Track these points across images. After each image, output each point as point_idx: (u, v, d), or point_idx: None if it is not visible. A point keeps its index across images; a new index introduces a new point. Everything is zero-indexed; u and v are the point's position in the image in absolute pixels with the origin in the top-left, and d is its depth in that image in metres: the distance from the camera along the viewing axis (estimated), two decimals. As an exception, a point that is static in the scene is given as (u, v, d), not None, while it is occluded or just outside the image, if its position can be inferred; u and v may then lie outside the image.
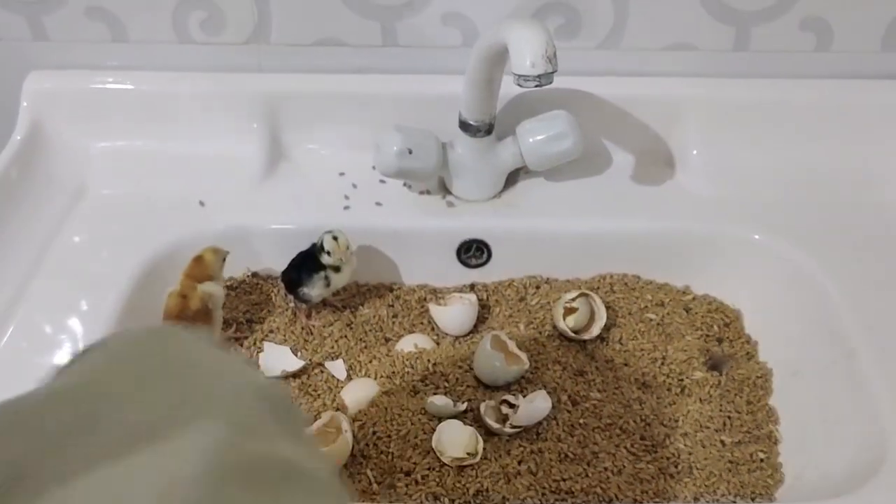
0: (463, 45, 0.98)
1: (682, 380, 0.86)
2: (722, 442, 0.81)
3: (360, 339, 0.90)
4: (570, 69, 0.95)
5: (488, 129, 0.93)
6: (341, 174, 1.00)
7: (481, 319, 0.93)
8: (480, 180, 0.96)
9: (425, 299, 0.95)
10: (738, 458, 0.80)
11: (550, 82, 0.75)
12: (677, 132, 1.01)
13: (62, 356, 0.81)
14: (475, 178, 0.96)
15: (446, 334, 0.92)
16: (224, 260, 0.87)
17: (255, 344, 0.89)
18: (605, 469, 0.78)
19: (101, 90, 1.00)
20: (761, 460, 0.80)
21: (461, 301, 0.92)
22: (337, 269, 0.88)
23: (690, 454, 0.79)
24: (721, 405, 0.84)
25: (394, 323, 0.92)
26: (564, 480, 0.77)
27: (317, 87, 0.99)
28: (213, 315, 0.86)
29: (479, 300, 0.93)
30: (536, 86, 0.74)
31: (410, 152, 0.91)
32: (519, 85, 0.75)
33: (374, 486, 0.77)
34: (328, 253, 0.87)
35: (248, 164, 1.00)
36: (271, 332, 0.90)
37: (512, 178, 0.99)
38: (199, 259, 0.85)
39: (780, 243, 0.91)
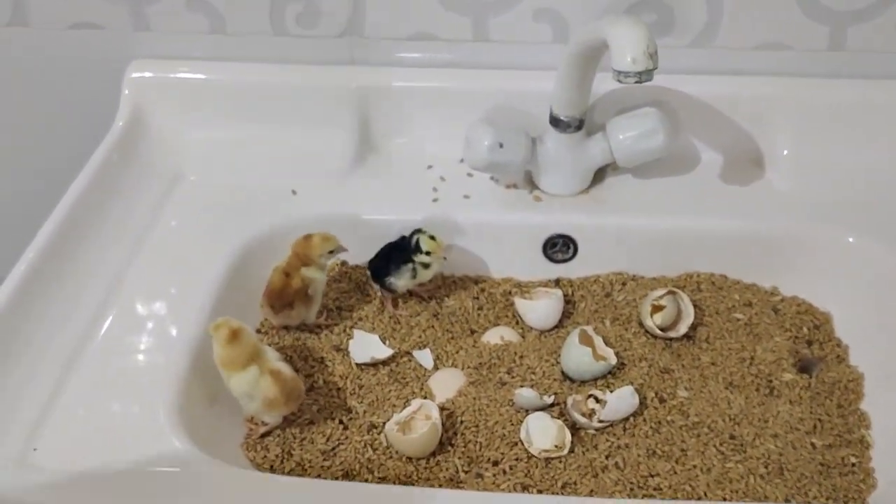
0: (553, 41, 0.98)
1: (770, 381, 0.86)
2: (812, 444, 0.80)
3: (447, 330, 0.91)
4: (661, 67, 0.95)
5: (578, 125, 0.93)
6: (429, 167, 1.01)
7: (566, 314, 0.93)
8: (568, 176, 0.97)
9: (510, 293, 0.95)
10: (830, 461, 0.79)
11: (650, 79, 0.75)
12: (768, 131, 1.00)
13: (159, 341, 0.84)
14: (563, 174, 0.97)
15: (531, 328, 0.92)
16: (333, 252, 0.88)
17: (344, 331, 0.90)
18: (694, 467, 0.78)
19: (198, 80, 1.03)
20: (853, 464, 0.79)
21: (547, 295, 0.93)
22: (427, 264, 0.90)
23: (781, 455, 0.79)
24: (811, 408, 0.83)
25: (479, 315, 0.93)
26: (652, 477, 0.77)
27: (408, 81, 1.01)
28: (312, 300, 0.88)
29: (564, 295, 0.93)
30: (636, 82, 0.75)
31: (501, 146, 0.92)
32: (619, 81, 0.75)
33: (462, 474, 0.78)
34: (427, 253, 0.88)
35: (339, 156, 1.02)
36: (360, 320, 0.92)
37: (600, 175, 0.99)
38: (307, 239, 0.87)
39: (872, 246, 0.90)
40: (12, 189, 1.20)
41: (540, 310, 0.91)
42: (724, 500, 0.75)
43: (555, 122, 0.93)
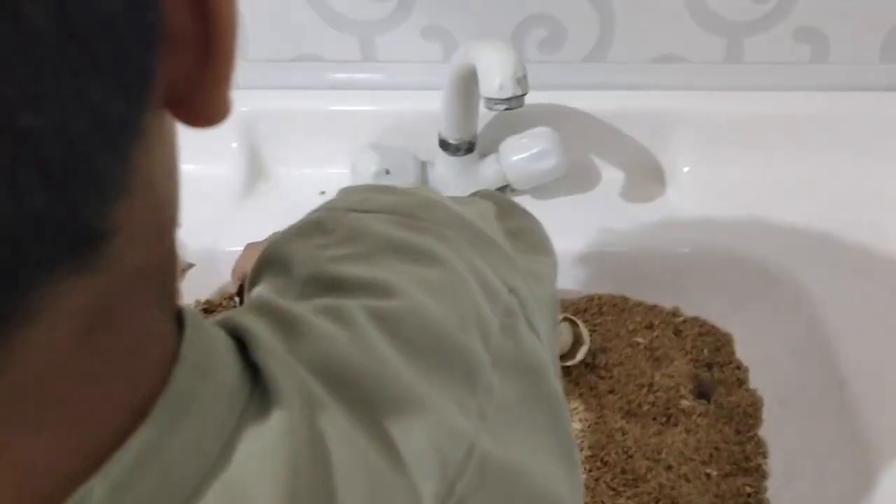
0: (443, 61, 0.95)
1: (668, 408, 0.83)
2: (707, 475, 0.77)
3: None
4: (555, 83, 0.93)
5: (469, 148, 0.90)
6: (322, 193, 0.98)
7: (463, 343, 0.90)
8: (462, 200, 0.93)
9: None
10: (725, 491, 0.76)
11: (521, 105, 0.72)
12: (668, 147, 0.97)
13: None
14: (457, 198, 0.93)
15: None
16: (183, 272, 0.84)
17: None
18: (584, 505, 0.75)
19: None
20: (748, 495, 0.76)
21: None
22: None
23: (673, 489, 0.76)
24: (708, 434, 0.81)
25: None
26: (541, 517, 0.74)
27: (295, 104, 0.97)
28: None
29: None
30: (506, 109, 0.71)
31: (388, 172, 0.88)
32: (488, 108, 0.72)
33: None
34: None
35: (227, 184, 0.98)
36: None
37: (496, 197, 0.96)
38: None
39: (774, 265, 0.88)
40: None
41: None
42: (614, 539, 0.73)
43: (444, 145, 0.90)
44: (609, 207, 0.96)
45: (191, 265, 0.85)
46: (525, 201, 0.96)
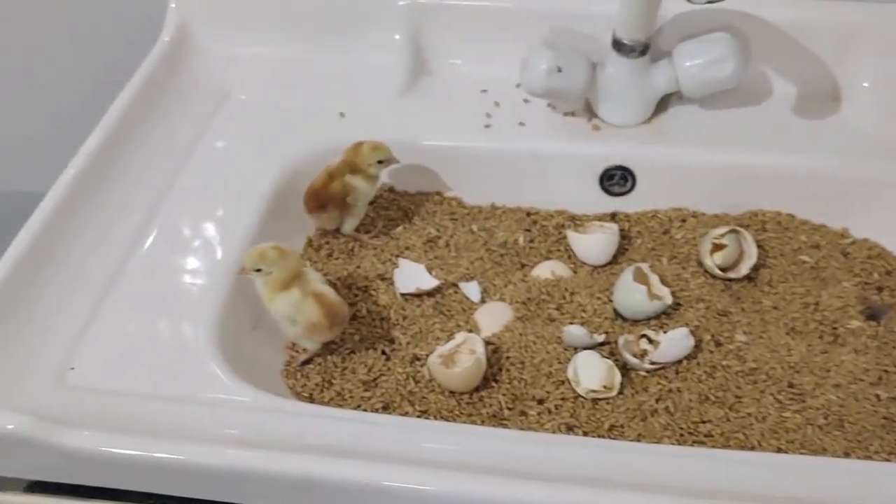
0: (621, -41, 0.92)
1: (835, 328, 0.81)
2: (877, 396, 0.76)
3: (496, 263, 0.88)
4: (735, -12, 0.89)
5: (643, 50, 0.88)
6: (483, 91, 0.97)
7: (621, 251, 0.89)
8: (630, 104, 0.92)
9: (563, 226, 0.91)
10: (894, 414, 0.75)
11: (724, -1, 0.69)
12: (847, 62, 0.93)
13: (201, 262, 0.82)
14: (624, 102, 0.91)
15: (584, 263, 0.88)
16: (382, 163, 0.86)
17: (389, 260, 0.87)
18: (748, 415, 0.74)
19: (246, -5, 1.00)
20: (920, 419, 0.74)
21: (602, 230, 0.89)
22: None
23: (842, 406, 0.75)
24: (878, 358, 0.78)
25: (530, 248, 0.90)
26: (703, 423, 0.74)
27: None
28: (352, 209, 0.86)
29: (620, 230, 0.89)
30: (707, 2, 0.69)
31: (559, 70, 0.87)
32: (689, 1, 0.69)
33: (505, 411, 0.76)
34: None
35: (390, 77, 0.98)
36: (407, 249, 0.89)
37: (662, 104, 0.94)
38: (357, 145, 0.86)
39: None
40: (55, 103, 1.18)
41: (594, 245, 0.87)
42: (779, 450, 0.72)
43: (618, 45, 0.88)
44: (780, 122, 0.93)
45: (390, 157, 0.86)
46: (692, 111, 0.94)
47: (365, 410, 0.75)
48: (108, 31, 1.08)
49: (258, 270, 0.75)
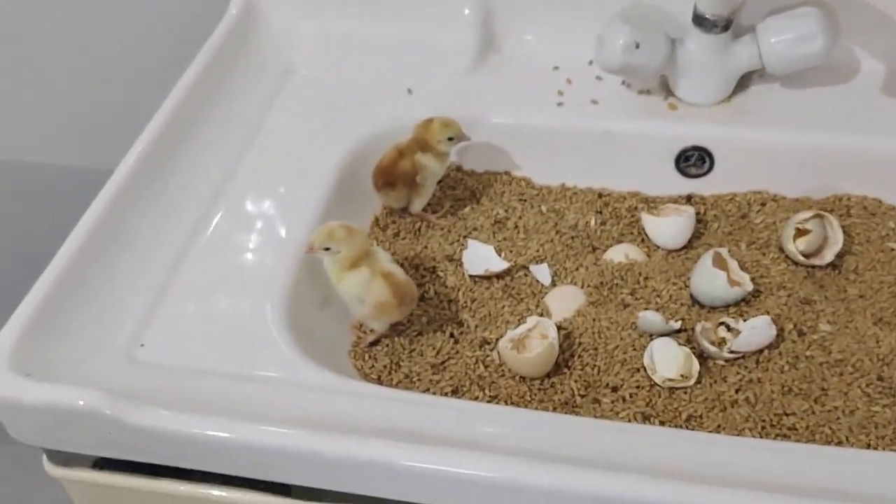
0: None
1: (927, 319, 0.77)
2: (974, 392, 0.72)
3: (567, 245, 0.85)
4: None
5: (726, 25, 0.84)
6: (555, 68, 0.94)
7: (697, 234, 0.86)
8: (709, 82, 0.88)
9: (636, 208, 0.88)
10: None
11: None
12: (942, 39, 0.88)
13: (268, 240, 0.81)
14: (703, 80, 0.88)
15: (658, 247, 0.85)
16: (452, 140, 0.84)
17: (458, 241, 0.85)
18: (835, 408, 0.71)
19: (314, -32, 0.98)
20: None
21: (677, 212, 0.86)
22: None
23: (935, 402, 0.71)
24: (973, 352, 0.75)
25: (602, 231, 0.87)
26: (787, 416, 0.71)
27: (536, -27, 0.93)
28: (420, 188, 0.84)
29: (696, 213, 0.86)
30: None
31: (638, 46, 0.84)
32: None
33: (578, 398, 0.73)
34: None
35: (458, 54, 0.95)
36: (475, 230, 0.87)
37: (743, 82, 0.90)
38: (427, 122, 0.84)
39: None
40: (121, 78, 1.18)
41: (669, 228, 0.84)
42: (868, 446, 0.68)
43: (699, 20, 0.84)
44: (867, 101, 0.89)
45: (461, 133, 0.84)
46: (773, 89, 0.90)
47: (434, 394, 0.73)
48: (174, 3, 1.07)
49: (327, 249, 0.74)
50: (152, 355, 0.71)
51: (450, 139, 0.83)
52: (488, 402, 0.73)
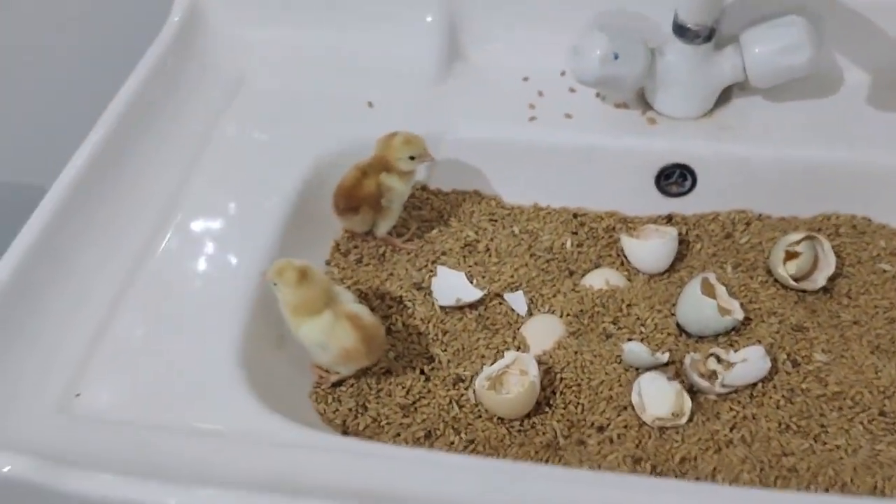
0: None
1: (925, 347, 0.73)
2: (980, 426, 0.68)
3: (542, 269, 0.79)
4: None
5: (708, 35, 0.79)
6: (525, 79, 0.88)
7: (679, 256, 0.81)
8: (690, 95, 0.83)
9: (614, 229, 0.83)
10: None
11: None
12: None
13: (218, 270, 0.73)
14: (684, 92, 0.83)
15: (638, 271, 0.80)
16: (414, 159, 0.77)
17: (427, 265, 0.79)
18: (837, 447, 0.66)
19: (264, -30, 0.91)
20: None
21: (658, 234, 0.80)
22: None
23: (942, 438, 0.67)
24: (977, 381, 0.70)
25: (578, 253, 0.81)
26: (786, 456, 0.66)
27: (504, -23, 0.87)
28: (386, 211, 0.78)
29: (678, 234, 0.81)
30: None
31: (616, 57, 0.78)
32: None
33: (561, 439, 0.67)
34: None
35: (422, 63, 0.89)
36: (444, 253, 0.80)
37: (724, 95, 0.85)
38: (388, 139, 0.77)
39: None
40: (57, 90, 1.10)
41: (650, 252, 0.79)
42: (875, 488, 0.64)
43: (680, 30, 0.79)
44: (853, 114, 0.84)
45: (425, 153, 0.77)
46: (756, 103, 0.85)
47: (405, 440, 0.67)
48: (112, 11, 0.99)
49: (276, 284, 0.67)
50: (89, 407, 0.63)
51: (411, 158, 0.77)
52: (465, 447, 0.67)
